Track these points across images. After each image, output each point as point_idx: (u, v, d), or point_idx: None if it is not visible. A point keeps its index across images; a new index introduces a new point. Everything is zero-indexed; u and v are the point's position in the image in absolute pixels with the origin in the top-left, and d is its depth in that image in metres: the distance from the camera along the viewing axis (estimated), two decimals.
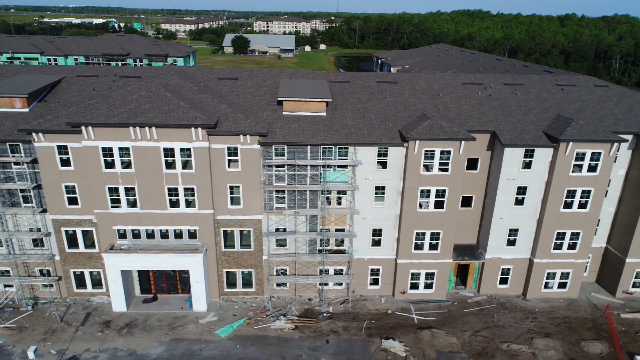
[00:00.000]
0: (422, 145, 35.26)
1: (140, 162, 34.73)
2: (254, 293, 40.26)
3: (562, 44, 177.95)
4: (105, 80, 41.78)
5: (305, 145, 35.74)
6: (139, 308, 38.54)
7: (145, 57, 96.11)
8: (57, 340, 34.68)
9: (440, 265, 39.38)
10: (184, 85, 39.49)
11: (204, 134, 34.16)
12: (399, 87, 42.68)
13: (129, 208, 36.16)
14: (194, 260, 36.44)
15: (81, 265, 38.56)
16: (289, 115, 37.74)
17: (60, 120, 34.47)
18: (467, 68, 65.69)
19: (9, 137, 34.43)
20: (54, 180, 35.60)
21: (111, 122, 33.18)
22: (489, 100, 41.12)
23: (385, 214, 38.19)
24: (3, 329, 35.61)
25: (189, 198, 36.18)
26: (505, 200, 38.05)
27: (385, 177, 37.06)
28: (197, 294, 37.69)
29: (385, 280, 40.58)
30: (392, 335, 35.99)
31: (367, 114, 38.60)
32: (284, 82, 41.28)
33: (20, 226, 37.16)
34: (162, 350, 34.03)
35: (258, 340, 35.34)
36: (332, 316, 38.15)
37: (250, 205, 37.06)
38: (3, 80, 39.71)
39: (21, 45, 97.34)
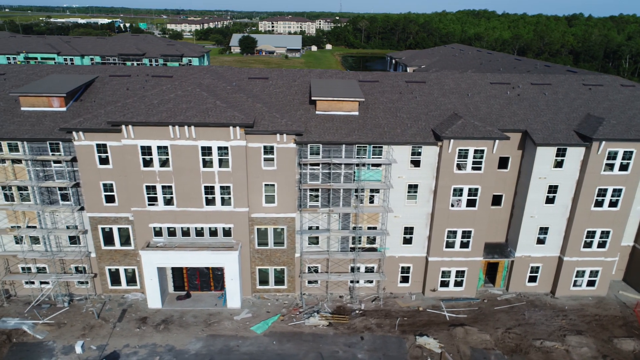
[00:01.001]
0: (456, 144, 35.64)
1: (178, 161, 35.21)
2: (286, 290, 40.69)
3: (571, 43, 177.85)
4: (137, 79, 42.28)
5: (340, 144, 36.16)
6: (173, 305, 39.03)
7: (160, 57, 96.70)
8: (96, 336, 35.20)
9: (470, 263, 39.73)
10: (218, 84, 39.95)
11: (242, 132, 34.61)
12: (428, 86, 43.04)
13: (165, 206, 36.64)
14: (229, 258, 36.90)
15: (116, 263, 39.06)
16: (322, 115, 38.15)
17: (99, 119, 34.97)
18: (487, 68, 65.98)
19: (50, 136, 34.97)
20: (92, 178, 36.11)
21: (151, 121, 33.67)
22: (518, 100, 41.45)
23: (417, 212, 38.58)
24: (42, 325, 36.15)
25: (225, 196, 36.64)
26: (536, 198, 38.38)
27: (418, 176, 37.44)
28: (231, 291, 38.15)
29: (415, 278, 40.97)
30: (426, 332, 36.38)
31: (399, 113, 38.99)
32: (315, 81, 41.70)
33: (58, 224, 37.69)
34: (200, 346, 34.51)
35: (293, 336, 35.78)
36: (365, 313, 38.56)
37: (284, 203, 37.50)
38: (38, 80, 40.24)
39: (38, 45, 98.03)
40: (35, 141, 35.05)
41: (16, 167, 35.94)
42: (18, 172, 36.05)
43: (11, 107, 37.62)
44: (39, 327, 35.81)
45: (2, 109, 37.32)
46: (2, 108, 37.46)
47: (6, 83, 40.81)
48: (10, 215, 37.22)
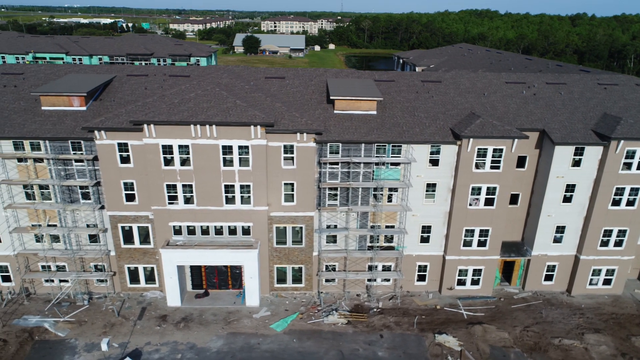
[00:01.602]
0: (475, 143, 35.82)
1: (199, 160, 35.42)
2: (303, 289, 40.90)
3: (575, 43, 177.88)
4: (155, 79, 42.50)
5: (360, 143, 36.36)
6: (192, 303, 39.24)
7: (168, 57, 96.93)
8: (117, 334, 35.42)
9: (487, 262, 39.92)
10: (236, 84, 40.16)
11: (262, 131, 34.81)
12: (444, 86, 43.21)
13: (185, 205, 36.86)
14: (249, 257, 37.12)
15: (135, 261, 39.29)
16: (341, 114, 38.34)
17: (121, 118, 35.19)
18: (497, 67, 66.12)
19: (72, 135, 35.21)
20: (113, 177, 36.34)
21: (173, 120, 33.88)
22: (534, 99, 41.61)
23: (435, 211, 38.77)
24: (63, 322, 36.40)
25: (245, 195, 36.83)
26: (553, 197, 38.54)
27: (437, 175, 37.63)
28: (250, 289, 38.36)
29: (432, 277, 41.15)
30: (444, 330, 36.57)
31: (417, 112, 39.17)
32: (332, 81, 41.88)
33: (78, 222, 37.94)
34: (221, 343, 34.72)
35: (313, 334, 35.99)
36: (383, 311, 38.75)
37: (303, 202, 37.69)
38: (57, 80, 40.46)
39: (46, 45, 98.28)
40: (58, 140, 35.30)
41: (38, 166, 36.18)
42: (39, 170, 36.29)
43: (32, 106, 37.87)
44: (60, 325, 36.06)
45: (23, 109, 37.56)
46: (23, 107, 37.70)
47: (25, 83, 41.04)
48: (31, 213, 37.46)
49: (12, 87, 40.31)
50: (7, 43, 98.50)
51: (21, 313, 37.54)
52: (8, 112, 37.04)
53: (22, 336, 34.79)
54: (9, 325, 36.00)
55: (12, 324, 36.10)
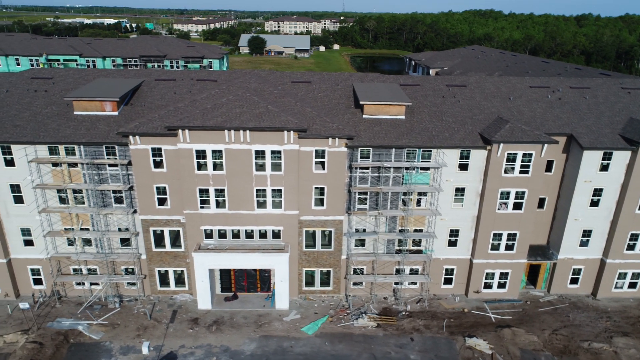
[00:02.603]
0: (505, 148, 36.13)
1: (232, 164, 35.78)
2: (331, 292, 41.26)
3: (582, 44, 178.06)
4: (183, 83, 42.86)
5: (391, 148, 36.71)
6: (222, 306, 39.61)
7: (181, 59, 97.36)
8: (151, 337, 35.80)
9: (514, 265, 40.24)
10: (265, 88, 40.52)
11: (295, 137, 35.16)
12: (469, 90, 43.53)
13: (217, 209, 37.22)
14: (280, 260, 37.48)
15: (166, 264, 39.67)
16: (370, 118, 38.68)
17: (155, 123, 35.57)
18: (513, 71, 66.41)
19: (106, 140, 35.59)
20: (146, 181, 36.71)
21: (208, 125, 34.25)
22: (560, 104, 41.91)
23: (463, 214, 39.10)
24: (97, 325, 36.79)
25: (276, 199, 37.19)
26: (581, 201, 38.85)
27: (466, 179, 37.95)
28: (280, 293, 38.72)
29: (458, 280, 41.48)
30: (473, 333, 36.89)
31: (444, 117, 39.49)
32: (358, 85, 42.22)
33: (110, 226, 38.33)
34: (255, 346, 35.09)
35: (344, 337, 36.33)
36: (411, 315, 39.09)
37: (333, 206, 38.04)
38: (87, 85, 40.82)
39: (59, 47, 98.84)
40: (92, 145, 35.69)
41: (72, 171, 36.57)
42: (73, 175, 36.68)
43: (64, 111, 38.26)
44: (94, 328, 36.45)
45: (56, 113, 37.97)
46: (56, 112, 38.11)
47: (55, 87, 41.44)
48: (64, 217, 37.86)
49: (42, 91, 40.73)
50: (21, 45, 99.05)
51: (54, 316, 37.95)
52: (42, 117, 37.44)
53: (58, 339, 35.17)
54: (43, 328, 36.40)
55: (46, 327, 36.51)
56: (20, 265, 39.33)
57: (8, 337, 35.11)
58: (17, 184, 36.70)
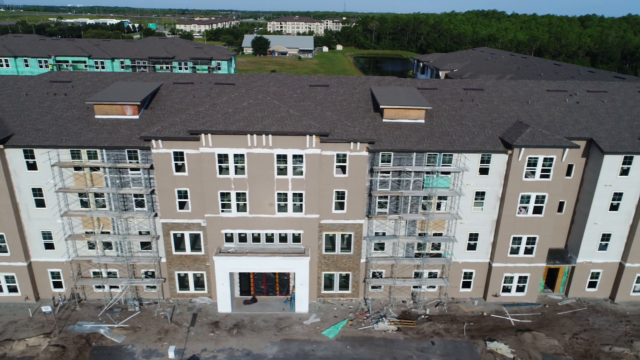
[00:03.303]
0: (526, 153, 36.18)
1: (253, 168, 35.85)
2: (350, 295, 41.32)
3: (588, 45, 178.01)
4: (201, 87, 42.93)
5: (412, 152, 36.77)
6: (242, 309, 39.69)
7: (190, 60, 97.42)
8: (172, 340, 35.87)
9: (533, 269, 40.29)
10: (284, 92, 40.59)
11: (317, 141, 35.22)
12: (487, 94, 43.58)
13: (238, 212, 37.29)
14: (301, 264, 37.55)
15: (186, 268, 39.75)
16: (390, 123, 38.73)
17: (177, 127, 35.64)
18: (525, 73, 66.43)
19: (128, 144, 35.67)
20: (167, 185, 36.79)
21: (231, 129, 34.32)
22: (578, 108, 41.96)
23: (482, 218, 39.16)
24: (118, 328, 36.87)
25: (297, 203, 37.25)
26: (600, 205, 38.89)
27: (486, 183, 38.01)
28: (300, 296, 38.78)
29: (477, 283, 41.54)
30: (494, 337, 36.94)
31: (464, 121, 39.54)
32: (376, 89, 42.27)
33: (131, 229, 38.41)
34: (277, 350, 35.15)
35: (365, 341, 36.40)
36: (431, 318, 39.14)
37: (353, 210, 38.10)
38: (107, 88, 40.91)
39: (68, 48, 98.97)
40: (115, 149, 35.77)
41: (93, 175, 36.65)
42: (95, 179, 36.76)
43: (85, 115, 38.35)
44: (115, 331, 36.54)
45: (77, 117, 38.06)
46: (76, 116, 38.20)
47: (74, 91, 41.53)
48: (85, 221, 37.94)
49: (62, 95, 40.82)
50: (29, 46, 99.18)
51: (75, 319, 38.04)
52: (63, 121, 37.53)
53: (80, 342, 35.27)
54: (65, 331, 36.49)
55: (67, 330, 36.60)
56: (40, 269, 39.43)
57: (30, 341, 35.21)
58: (39, 188, 36.79)
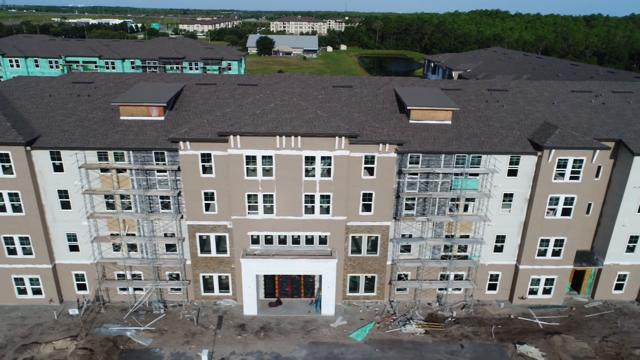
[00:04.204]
0: (556, 154, 35.88)
1: (281, 170, 35.59)
2: (375, 297, 41.04)
3: (595, 45, 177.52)
4: (224, 88, 42.67)
5: (441, 154, 36.48)
6: (267, 312, 39.43)
7: (200, 61, 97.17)
8: (200, 343, 35.62)
9: (560, 271, 39.99)
10: (309, 93, 40.32)
11: (346, 142, 34.95)
12: (511, 95, 43.28)
13: (265, 214, 37.04)
14: (328, 266, 37.29)
15: (211, 270, 39.49)
16: (417, 124, 38.45)
17: (205, 129, 35.38)
18: (542, 74, 66.09)
19: (156, 145, 35.42)
20: (194, 187, 36.53)
21: (260, 131, 34.07)
22: (604, 109, 41.64)
23: (510, 220, 38.86)
24: (145, 331, 36.63)
25: (324, 205, 36.99)
26: (629, 207, 38.58)
27: (514, 185, 37.71)
28: (326, 299, 38.52)
29: (502, 286, 41.25)
30: (523, 340, 36.64)
31: (491, 122, 39.25)
32: (401, 90, 41.99)
33: (156, 231, 38.17)
34: (305, 353, 34.89)
35: (394, 344, 36.12)
36: (458, 321, 38.86)
37: (380, 211, 37.83)
38: (130, 90, 40.63)
39: (78, 48, 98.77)
40: (142, 150, 35.53)
41: (120, 176, 36.41)
42: (121, 181, 36.52)
43: (110, 116, 38.11)
44: (142, 334, 36.29)
45: (102, 118, 37.82)
46: (101, 117, 37.96)
47: (97, 92, 41.29)
48: (111, 223, 37.71)
49: (85, 96, 40.59)
50: (39, 47, 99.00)
51: (100, 322, 37.80)
52: (88, 122, 37.30)
53: (107, 345, 35.02)
54: (91, 334, 36.25)
55: (94, 333, 36.37)
56: (64, 271, 39.20)
57: (58, 344, 34.98)
58: (65, 190, 36.56)
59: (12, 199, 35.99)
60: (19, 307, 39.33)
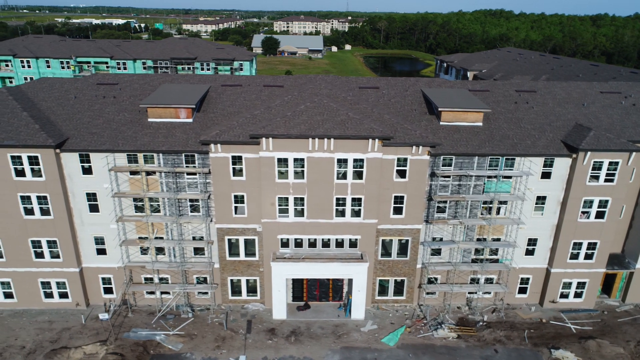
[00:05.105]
0: (592, 157, 35.38)
1: (313, 173, 35.14)
2: (404, 301, 40.58)
3: (603, 44, 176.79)
4: (250, 89, 42.23)
5: (474, 156, 36.01)
6: (296, 316, 38.99)
7: (212, 61, 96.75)
8: (231, 348, 35.20)
9: (592, 274, 39.49)
10: (338, 94, 39.86)
11: (379, 145, 34.49)
12: (540, 96, 42.78)
13: (295, 217, 36.59)
14: (359, 270, 36.84)
15: (239, 273, 39.06)
16: (448, 126, 37.97)
17: (236, 131, 34.95)
18: (561, 75, 65.54)
19: (186, 148, 35.00)
20: (224, 190, 36.10)
21: (293, 133, 33.62)
22: (635, 110, 41.13)
23: (542, 223, 38.36)
24: (174, 336, 36.21)
25: (355, 208, 36.53)
26: None
27: (547, 187, 37.22)
28: (357, 303, 38.06)
29: (533, 289, 40.75)
30: (557, 344, 36.17)
31: (522, 123, 38.74)
32: (429, 91, 41.50)
33: (184, 235, 37.74)
34: (338, 358, 34.42)
35: (427, 349, 35.65)
36: (489, 325, 38.39)
37: (411, 214, 37.36)
38: (156, 91, 40.17)
39: (89, 49, 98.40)
40: (172, 153, 35.09)
41: (149, 179, 35.99)
42: (150, 184, 36.10)
43: (137, 118, 37.70)
44: (171, 339, 35.87)
45: (129, 120, 37.41)
46: (129, 119, 37.55)
47: (122, 93, 40.88)
48: (139, 226, 37.29)
49: (111, 97, 40.19)
50: (50, 47, 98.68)
51: (128, 326, 37.38)
52: (116, 124, 36.88)
53: (137, 350, 34.63)
54: (120, 338, 35.85)
55: (123, 337, 35.96)
56: (91, 274, 38.80)
57: (87, 349, 34.59)
58: (93, 193, 36.15)
59: (41, 202, 35.59)
60: (45, 310, 38.94)
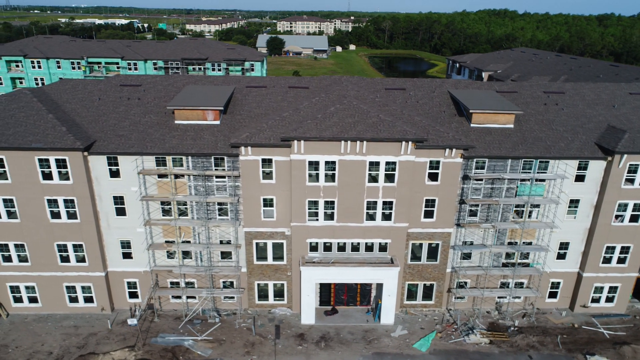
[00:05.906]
0: (627, 159, 34.79)
1: (344, 176, 34.58)
2: (432, 306, 40.00)
3: (612, 44, 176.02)
4: (275, 90, 41.67)
5: (507, 159, 35.42)
6: (324, 320, 38.42)
7: (223, 62, 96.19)
8: (261, 354, 34.64)
9: (625, 279, 38.90)
10: (366, 96, 39.31)
11: (412, 147, 33.92)
12: (569, 97, 42.20)
13: (325, 221, 36.03)
14: (390, 274, 36.27)
15: (266, 278, 38.50)
16: (479, 127, 37.39)
17: (266, 133, 34.41)
18: (581, 75, 64.87)
19: (215, 150, 34.46)
20: (254, 193, 35.55)
21: (325, 136, 33.06)
22: None
23: (575, 227, 37.77)
24: (202, 341, 35.66)
25: (386, 211, 35.96)
26: None
27: (581, 191, 36.63)
28: (386, 307, 37.49)
29: (564, 294, 40.16)
30: (591, 350, 35.57)
31: (553, 125, 38.14)
32: (457, 92, 40.93)
33: (212, 239, 37.21)
34: None
35: (460, 355, 35.07)
36: (522, 330, 37.80)
37: (442, 218, 36.79)
38: (181, 93, 39.60)
39: (99, 49, 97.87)
40: (201, 156, 34.56)
41: (177, 182, 35.46)
42: (178, 187, 35.57)
43: (164, 120, 37.17)
44: (200, 344, 35.33)
45: (156, 122, 36.88)
46: (155, 121, 37.01)
47: (147, 95, 40.35)
48: (166, 230, 36.76)
49: (135, 99, 39.66)
50: (61, 48, 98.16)
51: (155, 331, 36.84)
52: (143, 127, 36.35)
53: (166, 356, 34.10)
54: (148, 344, 35.32)
55: (151, 343, 35.43)
56: (117, 279, 38.28)
57: (116, 354, 34.05)
58: (120, 196, 35.63)
59: (68, 205, 35.07)
60: (69, 315, 38.43)
